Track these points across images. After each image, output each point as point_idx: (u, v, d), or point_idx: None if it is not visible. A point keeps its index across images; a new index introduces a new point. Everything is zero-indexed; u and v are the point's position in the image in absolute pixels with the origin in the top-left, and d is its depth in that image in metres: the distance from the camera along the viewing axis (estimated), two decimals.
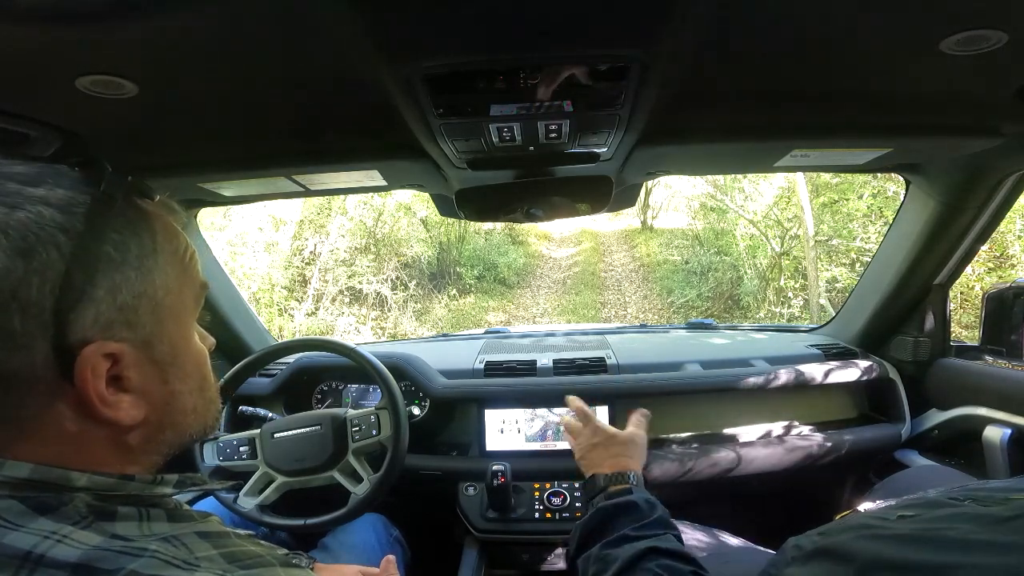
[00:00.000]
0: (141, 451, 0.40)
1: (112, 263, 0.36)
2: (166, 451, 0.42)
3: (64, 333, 0.34)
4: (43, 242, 0.32)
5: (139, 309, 0.37)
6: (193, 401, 0.43)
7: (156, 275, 0.39)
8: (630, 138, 0.81)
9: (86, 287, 0.34)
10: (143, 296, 0.38)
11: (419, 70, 0.57)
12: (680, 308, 7.41)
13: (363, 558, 0.99)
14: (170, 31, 0.50)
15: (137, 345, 0.37)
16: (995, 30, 0.53)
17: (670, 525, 0.67)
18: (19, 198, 0.33)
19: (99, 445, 0.37)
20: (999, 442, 1.09)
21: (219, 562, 0.36)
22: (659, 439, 1.29)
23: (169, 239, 0.41)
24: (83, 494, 0.35)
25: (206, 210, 1.31)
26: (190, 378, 0.43)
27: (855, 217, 5.76)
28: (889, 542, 0.42)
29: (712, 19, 0.52)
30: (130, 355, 0.37)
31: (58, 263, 0.33)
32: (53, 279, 0.33)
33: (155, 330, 0.39)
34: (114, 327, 0.36)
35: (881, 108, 0.78)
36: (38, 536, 0.30)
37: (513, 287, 8.87)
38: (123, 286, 0.36)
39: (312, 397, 1.44)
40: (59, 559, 0.30)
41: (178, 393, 0.41)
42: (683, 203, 10.80)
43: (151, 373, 0.39)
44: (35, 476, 0.34)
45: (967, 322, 4.43)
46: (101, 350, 0.35)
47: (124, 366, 0.37)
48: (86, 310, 0.34)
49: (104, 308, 0.35)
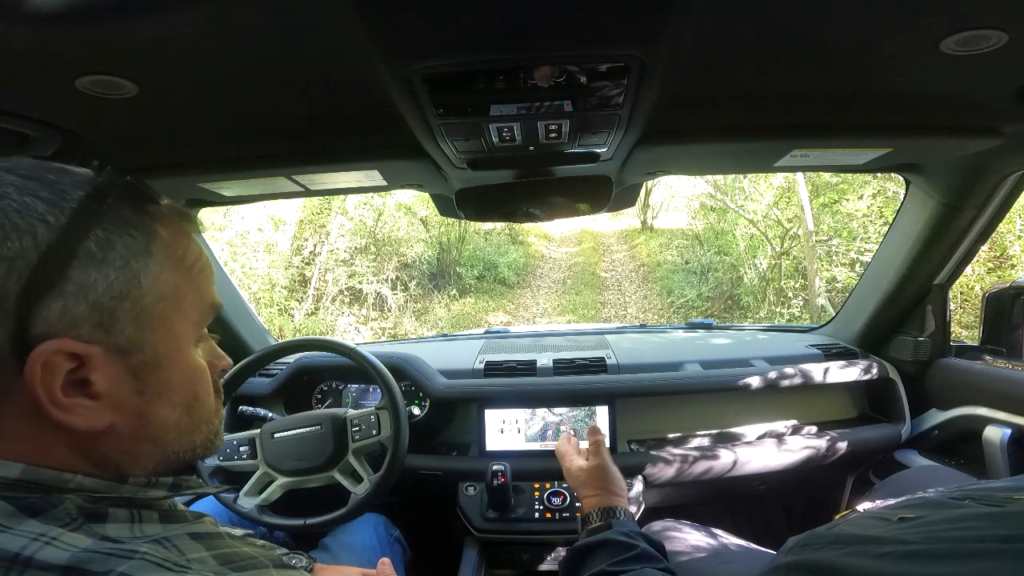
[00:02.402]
0: (119, 462, 0.38)
1: (91, 259, 0.34)
2: (152, 466, 0.40)
3: (25, 325, 0.32)
4: (20, 231, 0.32)
5: (117, 311, 0.35)
6: (177, 417, 0.40)
7: (144, 279, 0.37)
8: (630, 138, 0.81)
9: (56, 280, 0.33)
10: (124, 298, 0.36)
11: (419, 70, 0.57)
12: (680, 308, 7.41)
13: (363, 558, 0.99)
14: (170, 31, 0.50)
15: (111, 349, 0.35)
16: (995, 30, 0.53)
17: (653, 557, 0.66)
18: (10, 188, 0.33)
19: (62, 450, 0.36)
20: (999, 442, 1.09)
21: (211, 564, 0.35)
22: (659, 439, 1.29)
23: (173, 246, 0.39)
24: (74, 496, 0.34)
25: (206, 210, 1.31)
26: (175, 392, 0.40)
27: (855, 217, 5.76)
28: (884, 560, 0.40)
29: (712, 19, 0.52)
30: (99, 359, 0.35)
31: (31, 252, 0.32)
32: (22, 268, 0.32)
33: (135, 337, 0.37)
34: (83, 326, 0.34)
35: (881, 108, 0.78)
36: (27, 538, 0.30)
37: (513, 287, 8.87)
38: (99, 284, 0.34)
39: (312, 397, 1.44)
40: (48, 561, 0.29)
41: (157, 406, 0.39)
42: (683, 203, 10.82)
43: (124, 381, 0.37)
44: (26, 476, 0.33)
45: (967, 322, 4.43)
46: (63, 348, 0.33)
47: (91, 369, 0.35)
48: (52, 303, 0.33)
49: (73, 304, 0.33)
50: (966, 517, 0.42)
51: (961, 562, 0.36)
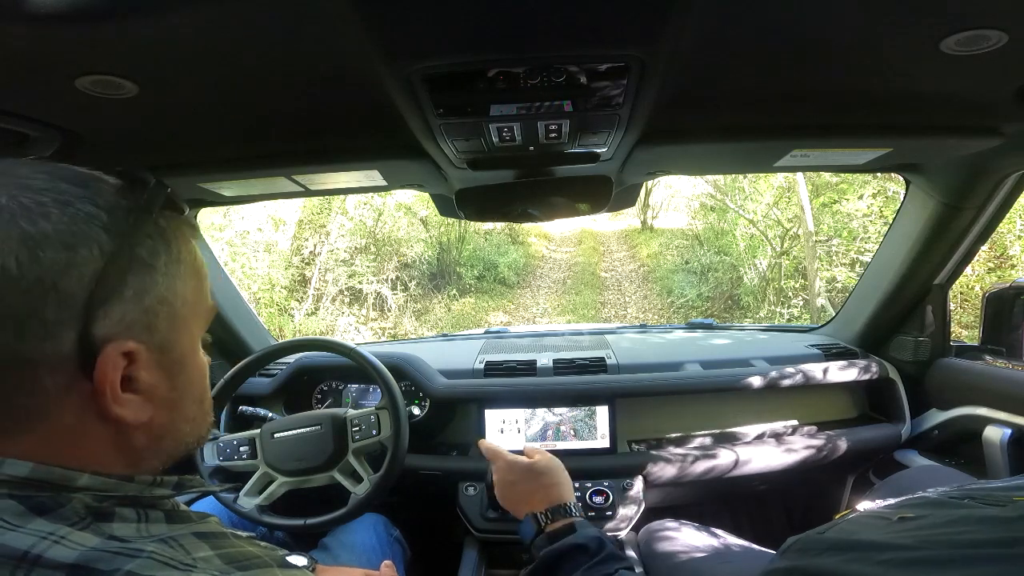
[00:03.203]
0: (143, 455, 0.41)
1: (144, 266, 0.37)
2: (164, 459, 0.43)
3: (91, 327, 0.35)
4: (88, 238, 0.34)
5: (160, 314, 0.39)
6: (193, 411, 0.44)
7: (178, 284, 0.40)
8: (630, 138, 0.81)
9: (118, 286, 0.36)
10: (165, 302, 0.39)
11: (419, 70, 0.57)
12: (680, 308, 7.41)
13: (363, 558, 0.99)
14: (170, 31, 0.50)
15: (152, 348, 0.38)
16: (995, 30, 0.53)
17: (620, 558, 0.64)
18: (70, 196, 0.35)
19: (100, 444, 0.38)
20: (999, 442, 1.09)
21: (216, 563, 0.36)
22: (659, 439, 1.29)
23: (190, 252, 0.42)
24: (82, 495, 0.35)
25: (206, 210, 1.31)
26: (194, 387, 0.44)
27: (855, 217, 5.76)
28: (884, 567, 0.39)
29: (712, 19, 0.52)
30: (145, 357, 0.38)
31: (97, 259, 0.34)
32: (90, 274, 0.34)
33: (169, 337, 0.40)
34: (135, 328, 0.37)
35: (881, 108, 0.78)
36: (35, 537, 0.31)
37: (513, 287, 8.87)
38: (151, 289, 0.38)
39: (312, 397, 1.44)
40: (56, 560, 0.30)
41: (182, 400, 0.42)
42: (683, 203, 10.82)
43: (161, 377, 0.40)
44: (35, 475, 0.34)
45: (967, 322, 4.43)
46: (121, 348, 0.36)
47: (138, 367, 0.37)
48: (115, 307, 0.36)
49: (131, 308, 0.37)
50: (967, 519, 0.42)
51: (962, 568, 0.36)
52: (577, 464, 1.22)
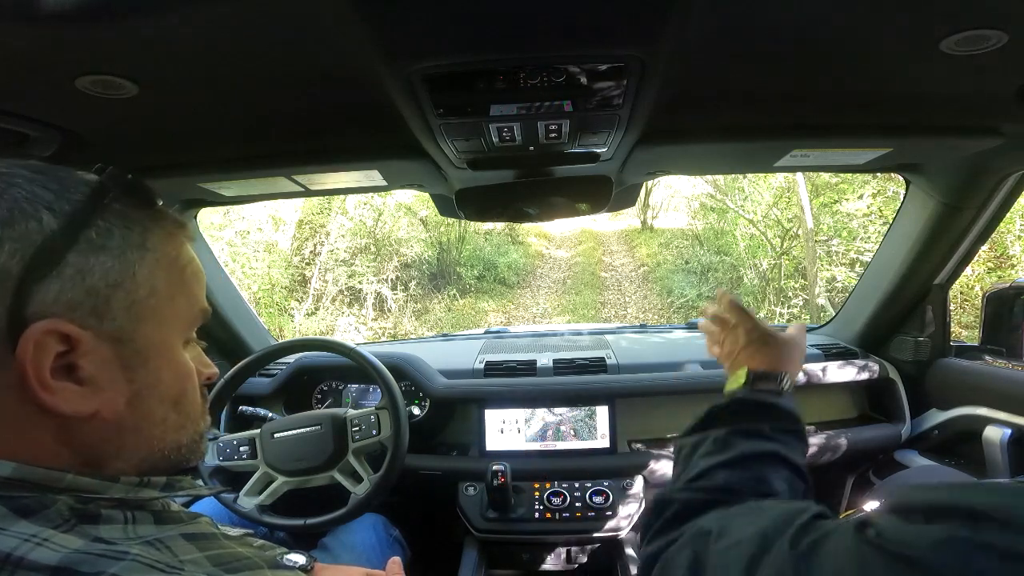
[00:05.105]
0: (101, 455, 0.38)
1: (90, 246, 0.36)
2: (138, 462, 0.40)
3: (23, 303, 0.33)
4: (27, 215, 0.34)
5: (111, 299, 0.37)
6: (164, 413, 0.41)
7: (139, 271, 0.38)
8: (630, 138, 0.81)
9: (56, 262, 0.34)
10: (118, 287, 0.37)
11: (419, 70, 0.57)
12: (680, 308, 7.41)
13: (363, 558, 0.99)
14: (170, 31, 0.50)
15: (102, 336, 0.36)
16: (995, 30, 0.53)
17: (805, 441, 0.61)
18: (20, 179, 0.35)
19: (42, 435, 0.36)
20: (999, 442, 1.09)
21: (204, 565, 0.35)
22: (659, 439, 1.29)
23: (167, 246, 0.41)
24: (66, 496, 0.34)
25: (206, 210, 1.31)
26: (164, 386, 0.41)
27: (855, 217, 5.76)
28: None
29: (712, 19, 0.52)
30: (90, 344, 0.36)
31: (36, 235, 0.34)
32: (25, 249, 0.33)
33: (128, 327, 0.38)
34: (78, 310, 0.35)
35: (881, 108, 0.78)
36: (19, 539, 0.30)
37: (513, 287, 8.86)
38: (96, 270, 0.36)
39: (312, 397, 1.44)
40: (39, 562, 0.29)
41: (145, 399, 0.39)
42: (683, 203, 10.81)
43: (113, 369, 0.37)
44: (17, 475, 0.33)
45: (967, 322, 4.43)
46: (56, 328, 0.34)
47: (80, 354, 0.35)
48: (51, 284, 0.34)
49: (70, 287, 0.35)
50: None
51: None
52: (577, 464, 1.23)
